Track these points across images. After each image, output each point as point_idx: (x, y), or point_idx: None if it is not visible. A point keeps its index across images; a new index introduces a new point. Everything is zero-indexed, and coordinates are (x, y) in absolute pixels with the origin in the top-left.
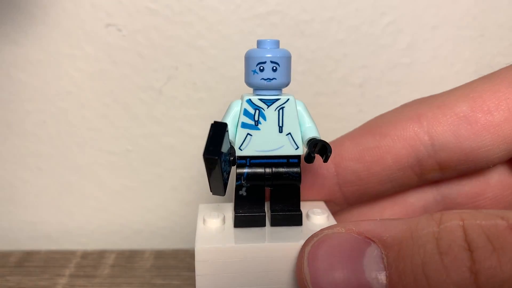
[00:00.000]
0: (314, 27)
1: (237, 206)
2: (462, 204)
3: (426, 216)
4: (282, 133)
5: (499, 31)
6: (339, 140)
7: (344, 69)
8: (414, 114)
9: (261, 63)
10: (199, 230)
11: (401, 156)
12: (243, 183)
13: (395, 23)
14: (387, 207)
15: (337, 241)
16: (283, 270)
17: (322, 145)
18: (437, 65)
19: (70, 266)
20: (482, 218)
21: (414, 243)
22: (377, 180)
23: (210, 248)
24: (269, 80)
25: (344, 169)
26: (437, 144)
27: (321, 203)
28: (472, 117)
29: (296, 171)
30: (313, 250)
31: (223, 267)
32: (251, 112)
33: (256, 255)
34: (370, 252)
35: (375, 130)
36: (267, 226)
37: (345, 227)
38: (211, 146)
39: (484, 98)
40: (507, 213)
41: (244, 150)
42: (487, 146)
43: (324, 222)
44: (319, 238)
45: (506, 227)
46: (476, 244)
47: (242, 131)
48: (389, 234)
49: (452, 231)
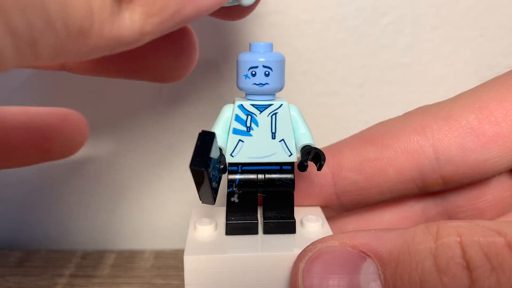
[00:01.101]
0: (314, 27)
1: (229, 213)
2: (462, 206)
3: (422, 228)
4: (275, 139)
5: (499, 31)
6: (338, 148)
7: (344, 69)
8: (418, 126)
9: (253, 67)
10: (189, 238)
11: (403, 169)
12: (235, 190)
13: (395, 23)
14: (387, 210)
15: (331, 256)
16: (275, 280)
17: (316, 153)
18: (437, 65)
19: (70, 266)
20: (480, 234)
21: (412, 259)
22: (376, 191)
23: (200, 258)
24: (262, 85)
25: (342, 179)
26: (442, 158)
27: (317, 208)
28: (479, 129)
29: (289, 177)
30: (307, 267)
31: (213, 277)
32: (243, 117)
33: (247, 265)
34: (366, 268)
35: (376, 140)
36: (260, 234)
37: (339, 240)
38: (198, 157)
39: (491, 108)
40: (504, 228)
41: (235, 156)
42: (494, 158)
43: (318, 230)
44: (313, 253)
45: (504, 245)
46: (475, 263)
47: (233, 137)
48: (385, 248)
49: (450, 247)
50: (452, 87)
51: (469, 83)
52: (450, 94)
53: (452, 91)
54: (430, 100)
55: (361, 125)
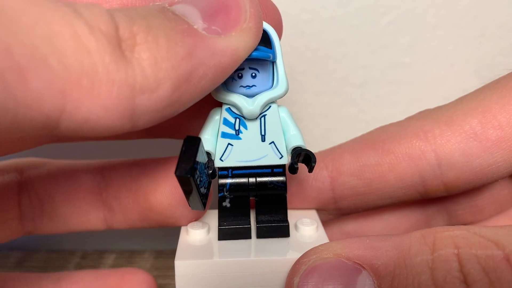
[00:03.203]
0: (314, 26)
1: (221, 218)
2: (460, 203)
3: (418, 237)
4: (265, 142)
5: (499, 31)
6: (337, 152)
7: (344, 69)
8: (420, 130)
9: (240, 69)
10: (181, 242)
11: (404, 175)
12: (226, 194)
13: (395, 23)
14: (386, 209)
15: (326, 269)
16: (269, 285)
17: (306, 155)
18: (437, 65)
19: (70, 266)
20: (477, 246)
21: (408, 273)
22: (376, 197)
23: (191, 263)
24: (249, 87)
25: (341, 184)
26: (445, 164)
27: (312, 211)
28: (482, 134)
29: (281, 180)
30: (302, 282)
31: (205, 282)
32: (231, 121)
33: (240, 270)
34: (361, 280)
35: (377, 145)
36: (253, 238)
37: (334, 252)
38: (183, 163)
39: (494, 112)
40: (503, 239)
41: (225, 161)
42: (498, 162)
43: (313, 233)
44: (307, 267)
45: (502, 258)
46: (472, 277)
47: (222, 141)
48: (380, 261)
49: (447, 260)
50: (452, 87)
51: (469, 83)
52: (451, 94)
53: (452, 91)
54: (430, 100)
55: (361, 125)
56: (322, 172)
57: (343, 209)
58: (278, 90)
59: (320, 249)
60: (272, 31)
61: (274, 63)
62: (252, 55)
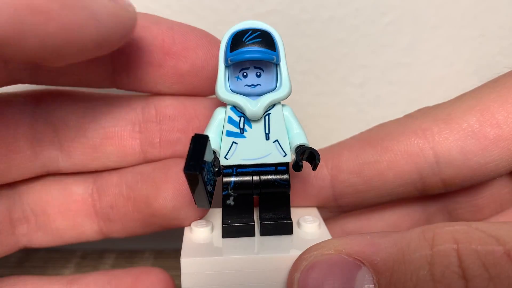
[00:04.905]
0: (314, 27)
1: (225, 216)
2: (460, 202)
3: (418, 233)
4: (269, 140)
5: (499, 31)
6: (337, 150)
7: (344, 69)
8: (418, 128)
9: (245, 69)
10: (185, 240)
11: (403, 172)
12: (230, 192)
13: (395, 23)
14: (387, 207)
15: (326, 265)
16: (273, 281)
17: (310, 153)
18: (437, 65)
19: (70, 266)
20: (478, 242)
21: (406, 269)
22: (375, 194)
23: (197, 261)
24: (253, 86)
25: (341, 182)
26: (443, 161)
27: (313, 209)
28: (480, 132)
29: (284, 178)
30: (302, 277)
31: (210, 280)
32: (236, 119)
33: (245, 267)
34: (361, 276)
35: (376, 143)
36: (257, 236)
37: (334, 248)
38: (192, 161)
39: (492, 110)
40: (504, 235)
41: (230, 159)
42: (496, 160)
43: (315, 231)
44: (308, 263)
45: (502, 254)
46: (472, 272)
47: (227, 140)
48: (380, 257)
49: (446, 255)
50: (452, 87)
51: (469, 83)
52: (450, 94)
53: (452, 91)
54: (430, 100)
55: (361, 125)
56: (322, 170)
57: (343, 206)
58: (281, 92)
59: (321, 245)
60: (276, 35)
61: (277, 66)
62: (256, 56)
